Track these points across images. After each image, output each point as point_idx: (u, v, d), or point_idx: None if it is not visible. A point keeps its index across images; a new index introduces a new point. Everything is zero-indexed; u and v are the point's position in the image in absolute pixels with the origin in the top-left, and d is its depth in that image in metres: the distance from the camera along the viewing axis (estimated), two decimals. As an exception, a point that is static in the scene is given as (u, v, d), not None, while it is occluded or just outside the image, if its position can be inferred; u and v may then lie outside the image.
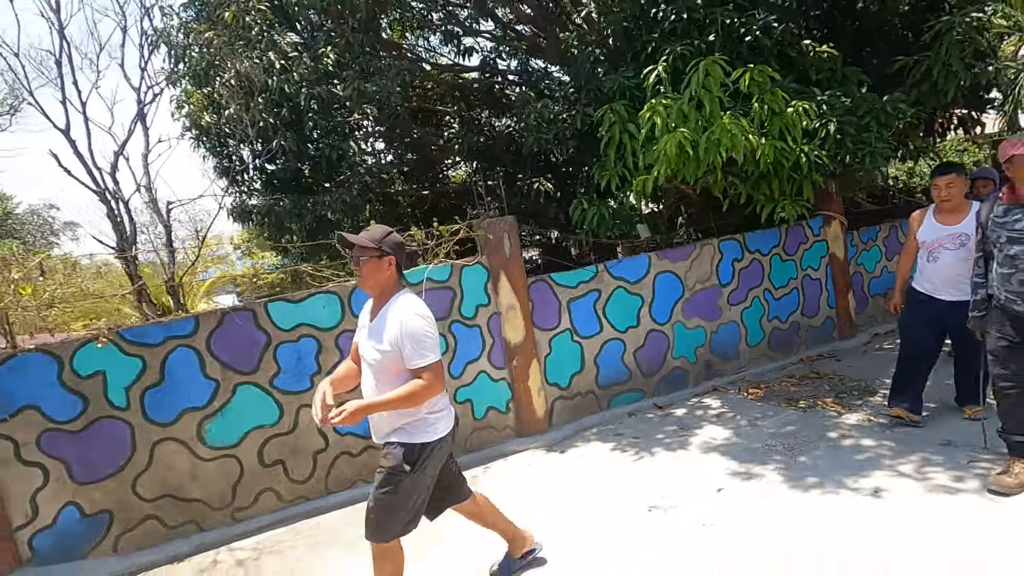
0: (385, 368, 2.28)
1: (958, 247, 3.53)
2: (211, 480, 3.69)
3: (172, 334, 3.59)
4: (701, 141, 4.35)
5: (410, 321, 2.23)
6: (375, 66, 5.87)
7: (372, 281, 2.32)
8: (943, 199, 3.57)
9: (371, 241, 2.29)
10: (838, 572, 2.53)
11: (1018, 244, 2.78)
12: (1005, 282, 2.84)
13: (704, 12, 5.25)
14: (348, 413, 2.13)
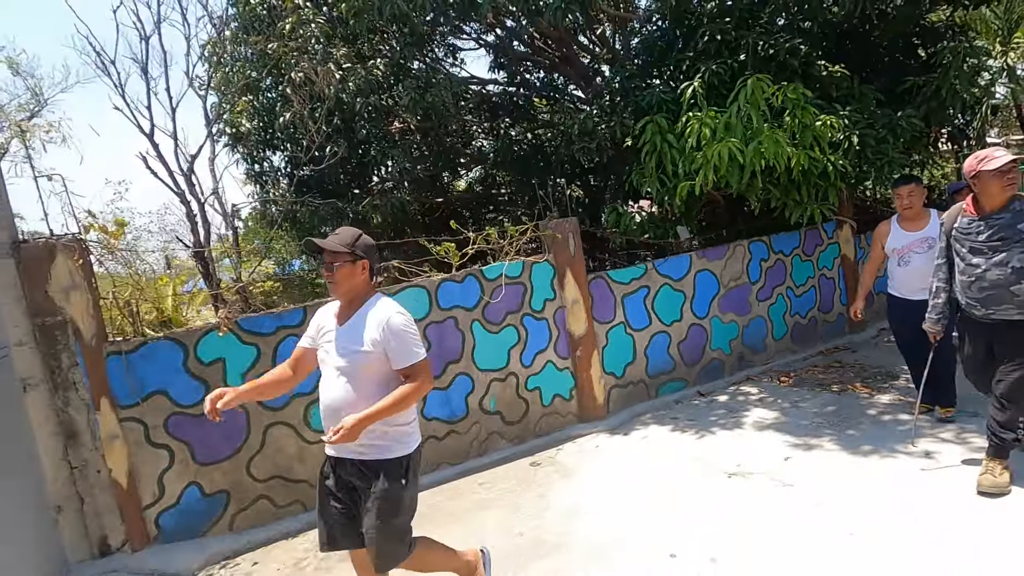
0: (362, 372, 2.17)
1: (927, 249, 3.80)
2: (315, 462, 3.92)
3: (283, 324, 3.84)
4: (747, 151, 4.83)
5: (394, 319, 2.19)
6: (427, 78, 6.20)
7: (347, 286, 2.22)
8: (906, 206, 3.89)
9: (344, 246, 2.19)
10: (917, 513, 2.96)
11: (979, 255, 2.96)
12: (966, 289, 3.03)
13: (735, 34, 5.78)
14: (348, 429, 2.02)
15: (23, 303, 3.16)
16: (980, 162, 2.91)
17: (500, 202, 9.95)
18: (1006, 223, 2.89)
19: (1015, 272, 2.85)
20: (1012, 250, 2.86)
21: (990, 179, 2.87)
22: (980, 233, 2.96)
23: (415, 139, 6.83)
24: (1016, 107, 12.73)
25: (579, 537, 3.22)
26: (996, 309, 2.91)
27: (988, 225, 2.93)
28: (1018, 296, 2.85)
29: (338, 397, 2.20)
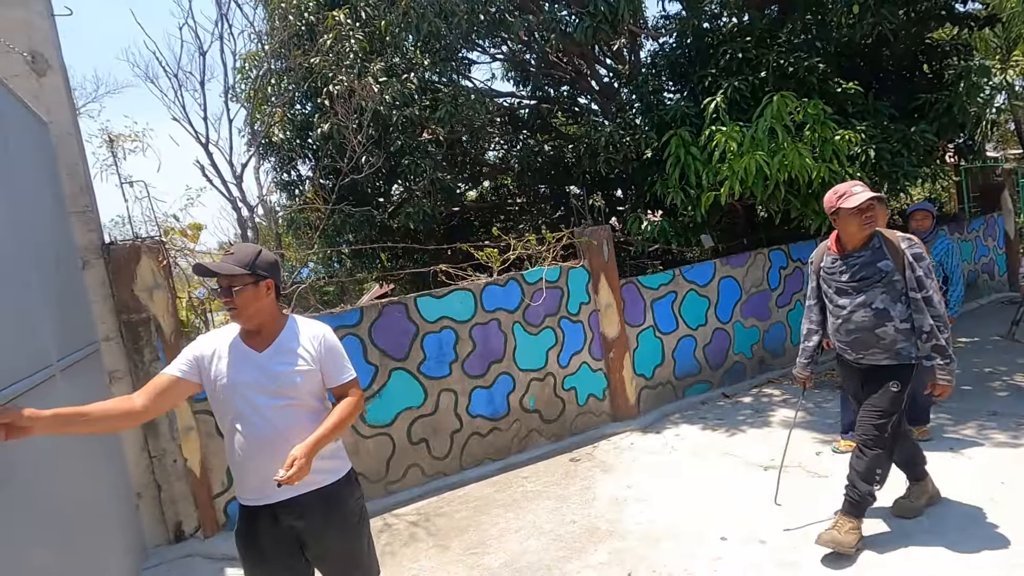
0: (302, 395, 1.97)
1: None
2: (369, 455, 4.13)
3: (342, 323, 4.05)
4: (773, 163, 5.09)
5: (328, 335, 2.09)
6: (457, 92, 6.47)
7: (251, 310, 1.94)
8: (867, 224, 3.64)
9: (242, 266, 1.92)
10: (949, 498, 3.18)
11: (844, 295, 2.78)
12: (836, 332, 2.86)
13: (756, 52, 6.08)
14: (304, 461, 1.78)
15: (111, 301, 3.37)
16: (839, 198, 2.72)
17: (511, 212, 10.20)
18: (866, 261, 2.72)
19: (878, 314, 2.69)
20: (874, 290, 2.70)
21: (848, 217, 2.70)
22: (843, 272, 2.78)
23: (443, 150, 7.07)
24: (1015, 122, 13.13)
25: (630, 524, 3.42)
26: (864, 354, 2.76)
27: (849, 264, 2.76)
28: (883, 339, 2.69)
29: (277, 430, 1.91)
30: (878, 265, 2.70)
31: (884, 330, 2.70)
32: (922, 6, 6.62)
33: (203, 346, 2.01)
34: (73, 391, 2.96)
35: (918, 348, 2.72)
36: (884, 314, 2.69)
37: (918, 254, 2.68)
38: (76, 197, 3.35)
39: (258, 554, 1.96)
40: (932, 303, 2.66)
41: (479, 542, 3.45)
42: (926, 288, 2.66)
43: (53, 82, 3.28)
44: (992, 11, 7.93)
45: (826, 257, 2.91)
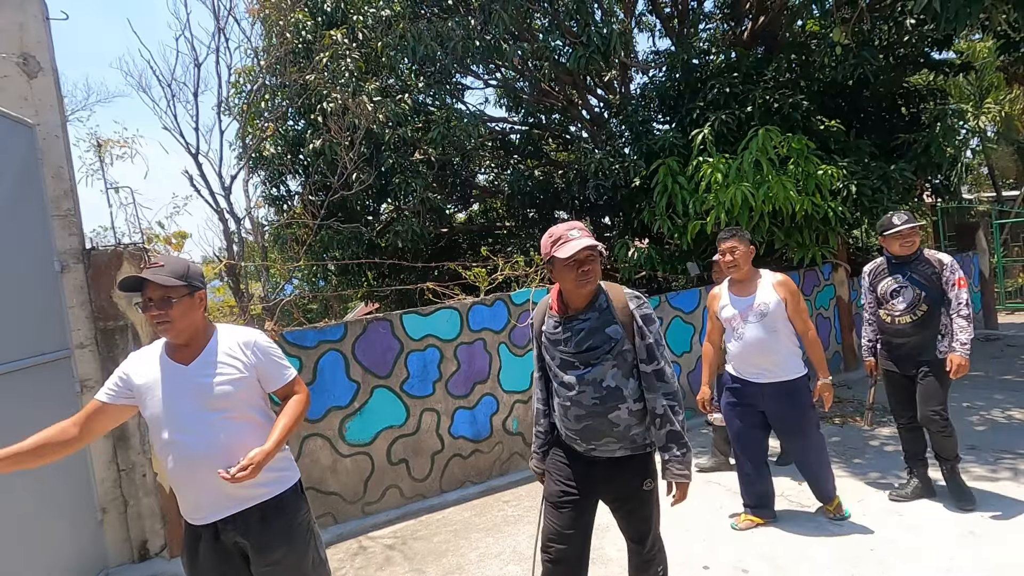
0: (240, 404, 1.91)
1: (759, 319, 3.17)
2: (347, 475, 4.03)
3: (325, 338, 3.99)
4: (758, 195, 5.20)
5: (260, 339, 2.01)
6: (450, 115, 6.56)
7: (186, 323, 1.88)
8: (728, 264, 3.21)
9: (178, 278, 1.86)
10: (926, 534, 3.17)
11: (570, 370, 2.09)
12: (563, 417, 2.15)
13: (742, 88, 6.27)
14: (256, 463, 1.76)
15: (88, 307, 3.29)
16: (553, 245, 2.04)
17: (500, 235, 10.28)
18: (593, 327, 2.06)
19: (610, 393, 2.05)
20: (603, 363, 2.05)
21: (563, 269, 2.02)
22: (568, 341, 2.09)
23: (434, 171, 7.13)
24: (988, 166, 13.64)
25: (611, 552, 3.35)
26: (597, 444, 2.11)
27: (574, 330, 2.08)
28: (617, 426, 2.07)
29: (211, 445, 1.84)
30: (607, 331, 2.05)
31: (617, 414, 2.06)
32: (901, 51, 6.92)
33: (130, 365, 1.95)
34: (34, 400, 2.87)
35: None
36: (616, 394, 2.06)
37: (648, 316, 2.10)
38: (59, 200, 3.29)
39: (200, 574, 1.91)
40: (664, 377, 2.07)
41: (457, 567, 3.36)
42: (657, 359, 2.07)
43: (43, 84, 3.26)
44: (966, 59, 8.31)
45: (547, 319, 2.19)
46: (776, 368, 3.20)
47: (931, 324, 3.37)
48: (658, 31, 9.07)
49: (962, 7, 4.22)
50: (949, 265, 3.36)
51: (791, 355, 3.23)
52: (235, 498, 1.87)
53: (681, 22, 8.10)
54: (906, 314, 3.41)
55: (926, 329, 3.37)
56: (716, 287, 3.49)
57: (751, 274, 3.28)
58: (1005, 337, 8.58)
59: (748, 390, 3.30)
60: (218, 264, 4.26)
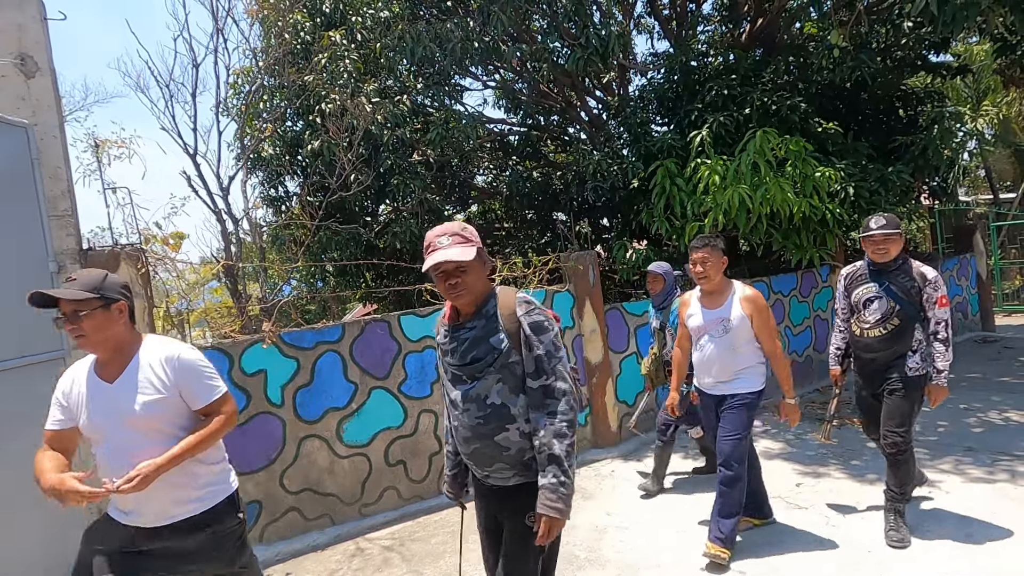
0: (150, 429, 1.85)
1: (721, 334, 3.08)
2: (345, 476, 4.02)
3: (323, 339, 3.99)
4: (756, 197, 5.21)
5: (185, 354, 1.93)
6: (448, 116, 6.56)
7: (101, 336, 1.84)
8: (698, 275, 3.11)
9: (88, 290, 1.81)
10: (926, 535, 3.18)
11: (460, 384, 1.89)
12: (455, 438, 2.00)
13: (740, 90, 6.28)
14: (143, 476, 1.74)
15: (85, 307, 3.27)
16: (427, 252, 1.85)
17: (498, 236, 10.28)
18: (478, 336, 1.83)
19: (495, 412, 1.81)
20: (487, 377, 1.82)
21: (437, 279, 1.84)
22: (455, 351, 1.89)
23: (432, 172, 7.13)
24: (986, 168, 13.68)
25: (609, 553, 3.36)
26: (489, 471, 1.90)
27: (460, 339, 1.87)
28: (507, 449, 1.83)
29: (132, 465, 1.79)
30: (491, 341, 1.81)
31: (505, 436, 1.81)
32: (898, 54, 6.93)
33: (63, 385, 1.95)
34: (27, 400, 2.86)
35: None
36: (502, 413, 1.81)
37: (538, 324, 1.79)
38: (56, 201, 3.28)
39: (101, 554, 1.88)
40: (554, 394, 1.77)
41: (455, 568, 3.35)
42: (546, 374, 1.77)
43: (41, 85, 3.25)
44: (963, 62, 8.34)
45: (441, 328, 1.99)
46: (732, 382, 3.11)
47: (901, 340, 3.10)
48: (656, 33, 9.10)
49: (959, 10, 4.23)
50: (933, 281, 3.07)
51: (750, 371, 3.10)
52: (166, 515, 1.89)
53: (679, 24, 8.11)
54: (876, 327, 3.13)
55: (895, 345, 3.10)
56: (688, 292, 3.41)
57: (722, 286, 3.15)
58: (1002, 339, 8.60)
59: (706, 401, 3.29)
60: (216, 265, 4.25)
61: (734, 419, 3.09)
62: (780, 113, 6.06)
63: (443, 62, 6.40)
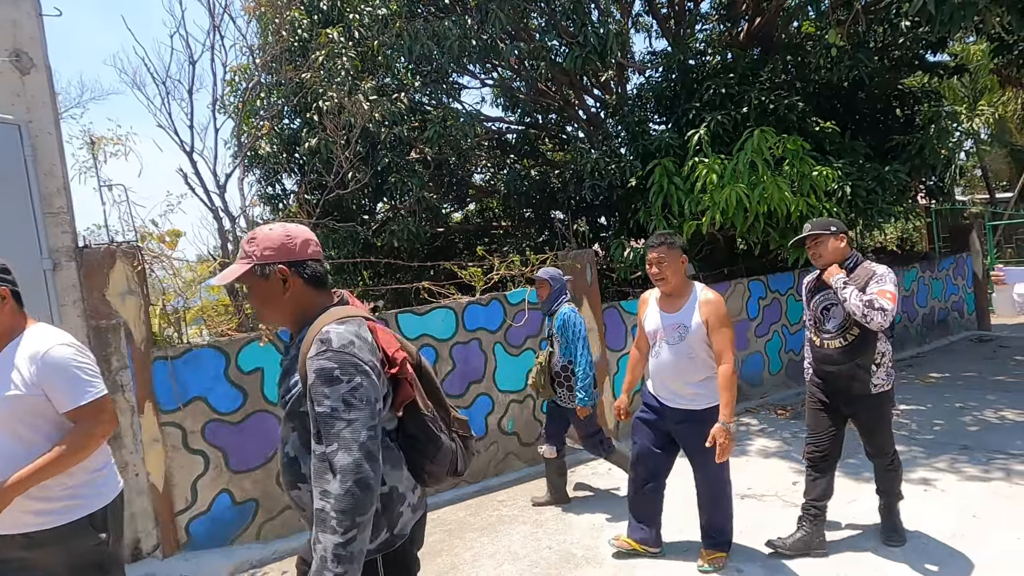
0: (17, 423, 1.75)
1: (677, 341, 2.86)
2: (342, 474, 4.01)
3: (320, 338, 3.97)
4: (753, 196, 5.22)
5: (55, 351, 1.78)
6: (446, 114, 6.55)
7: None
8: (655, 276, 2.89)
9: None
10: (920, 532, 3.19)
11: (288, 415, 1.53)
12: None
13: (738, 89, 6.28)
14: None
15: (80, 305, 3.27)
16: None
17: (496, 235, 10.27)
18: (286, 367, 1.51)
19: (289, 464, 1.47)
20: (286, 422, 1.50)
21: None
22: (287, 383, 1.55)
23: (430, 170, 7.12)
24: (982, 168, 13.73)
25: (606, 551, 3.36)
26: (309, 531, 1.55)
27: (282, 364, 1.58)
28: (303, 510, 1.47)
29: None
30: (289, 379, 1.48)
31: (298, 495, 1.47)
32: (896, 53, 6.94)
33: None
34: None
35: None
36: (294, 468, 1.46)
37: (325, 372, 1.31)
38: (51, 198, 3.27)
39: None
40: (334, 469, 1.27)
41: (452, 567, 3.36)
42: (327, 441, 1.30)
43: (36, 81, 3.24)
44: (960, 62, 8.36)
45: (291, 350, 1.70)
46: (688, 395, 2.89)
47: (863, 351, 2.82)
48: (655, 32, 9.08)
49: (956, 10, 4.24)
50: (878, 276, 2.77)
51: (708, 383, 2.86)
52: (18, 523, 1.75)
53: (678, 23, 8.11)
54: (836, 337, 2.89)
55: (856, 356, 2.84)
56: (647, 292, 3.15)
57: (682, 289, 2.90)
58: (998, 338, 8.64)
59: (659, 409, 3.02)
60: (213, 263, 4.23)
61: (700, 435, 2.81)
62: (778, 112, 6.06)
63: (441, 60, 6.39)
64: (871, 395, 2.88)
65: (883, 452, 3.04)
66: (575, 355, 3.74)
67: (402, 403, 1.45)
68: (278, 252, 1.43)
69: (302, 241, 1.47)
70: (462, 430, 1.61)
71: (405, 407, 1.46)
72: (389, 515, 1.43)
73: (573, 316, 3.79)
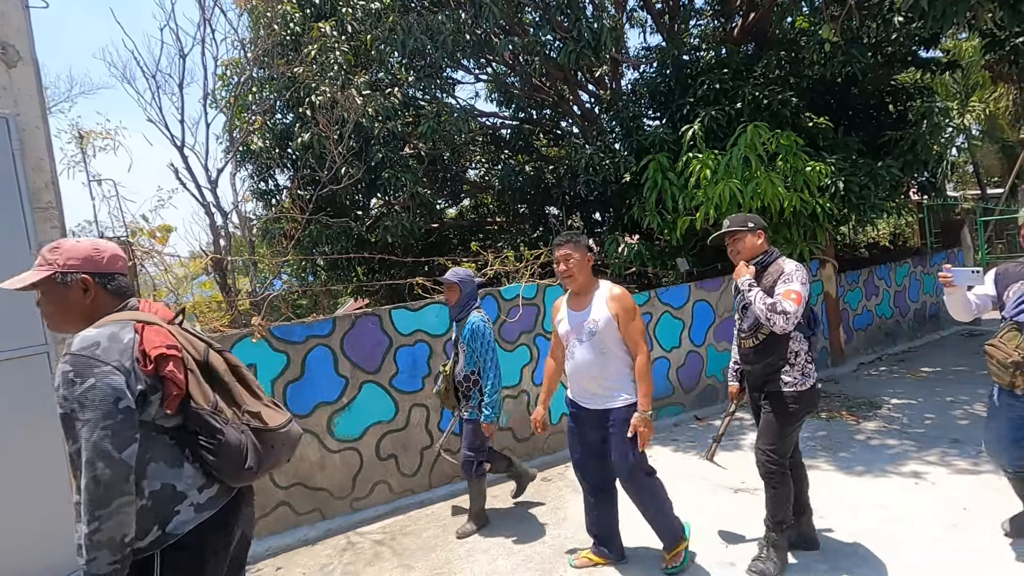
0: None
1: (588, 338, 2.81)
2: (336, 470, 4.01)
3: (313, 333, 3.96)
4: (747, 191, 5.22)
5: None
6: (440, 109, 6.52)
7: None
8: (562, 274, 2.86)
9: None
10: (913, 523, 3.22)
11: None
12: None
13: (732, 84, 6.28)
14: None
15: (70, 301, 3.23)
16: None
17: (490, 230, 10.26)
18: None
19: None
20: None
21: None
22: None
23: (424, 165, 7.10)
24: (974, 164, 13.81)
25: (596, 546, 3.36)
26: None
27: None
28: None
29: None
30: None
31: None
32: (888, 49, 6.96)
33: None
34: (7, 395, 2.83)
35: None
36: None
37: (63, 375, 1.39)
38: (39, 193, 3.23)
39: None
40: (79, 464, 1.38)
41: (446, 562, 3.36)
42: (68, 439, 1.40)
43: (23, 74, 3.19)
44: (953, 58, 8.39)
45: None
46: (605, 393, 2.82)
47: (775, 351, 2.76)
48: (649, 27, 9.08)
49: (949, 6, 4.25)
50: (786, 274, 2.68)
51: (623, 380, 2.81)
52: None
53: (672, 18, 8.10)
54: (749, 337, 2.85)
55: (768, 356, 2.77)
56: (558, 299, 3.08)
57: (588, 286, 2.87)
58: (988, 333, 8.70)
59: (582, 414, 2.93)
60: (205, 259, 4.20)
61: (620, 438, 2.77)
62: (771, 108, 6.07)
63: (434, 55, 6.35)
64: (781, 393, 2.76)
65: (768, 458, 2.82)
66: (484, 367, 3.45)
67: (174, 400, 1.47)
68: (83, 263, 1.52)
69: (110, 256, 1.57)
70: (255, 422, 1.60)
71: (181, 403, 1.49)
72: (160, 513, 1.46)
73: (483, 326, 3.47)
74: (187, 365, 1.52)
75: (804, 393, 2.76)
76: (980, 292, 2.80)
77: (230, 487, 1.60)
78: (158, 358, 1.46)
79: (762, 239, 2.83)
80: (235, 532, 1.63)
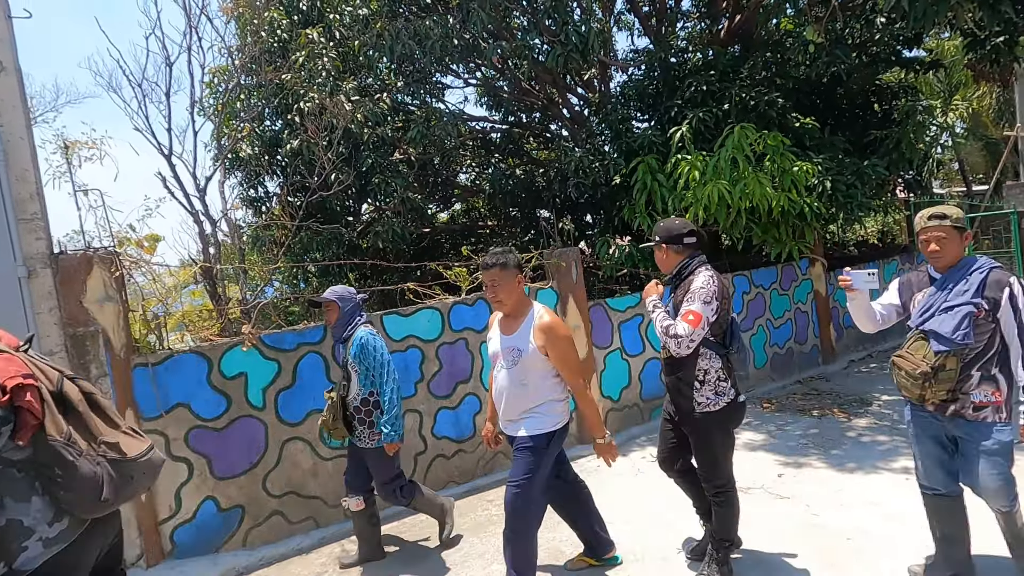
0: None
1: (511, 365, 2.67)
2: (329, 478, 3.99)
3: (304, 341, 3.94)
4: (735, 192, 5.26)
5: None
6: (429, 114, 6.52)
7: None
8: (491, 298, 2.71)
9: None
10: (904, 520, 3.24)
11: None
12: None
13: (720, 86, 6.33)
14: None
15: (57, 313, 3.20)
16: None
17: (482, 234, 10.26)
18: None
19: None
20: None
21: None
22: None
23: (414, 170, 7.09)
24: (959, 162, 13.99)
25: (565, 548, 3.36)
26: None
27: None
28: None
29: None
30: None
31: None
32: (872, 49, 7.04)
33: None
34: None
35: None
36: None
37: None
38: (24, 203, 3.20)
39: None
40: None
41: (441, 567, 3.35)
42: None
43: (6, 84, 3.17)
44: (935, 57, 8.50)
45: None
46: (518, 423, 2.69)
47: (682, 366, 2.63)
48: (636, 30, 9.12)
49: (930, 6, 4.31)
50: (691, 292, 2.55)
51: (542, 409, 2.66)
52: None
53: (659, 21, 8.15)
54: (664, 349, 2.70)
55: (677, 371, 2.67)
56: (494, 313, 2.94)
57: (520, 308, 2.71)
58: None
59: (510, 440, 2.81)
60: (194, 267, 4.18)
61: (517, 465, 2.65)
62: (758, 109, 6.12)
63: (423, 60, 6.36)
64: (695, 414, 2.62)
65: (708, 478, 2.76)
66: (379, 384, 3.15)
67: (28, 431, 1.42)
68: None
69: None
70: (112, 452, 1.56)
71: (33, 435, 1.44)
72: (7, 550, 1.41)
73: (372, 339, 3.18)
74: (42, 395, 1.47)
75: (713, 415, 2.59)
76: (885, 301, 2.65)
77: (82, 519, 1.54)
78: (14, 389, 1.39)
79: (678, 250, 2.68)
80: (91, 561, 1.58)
